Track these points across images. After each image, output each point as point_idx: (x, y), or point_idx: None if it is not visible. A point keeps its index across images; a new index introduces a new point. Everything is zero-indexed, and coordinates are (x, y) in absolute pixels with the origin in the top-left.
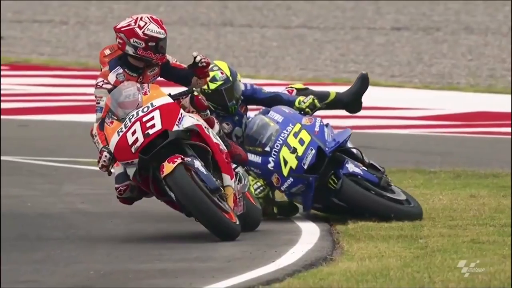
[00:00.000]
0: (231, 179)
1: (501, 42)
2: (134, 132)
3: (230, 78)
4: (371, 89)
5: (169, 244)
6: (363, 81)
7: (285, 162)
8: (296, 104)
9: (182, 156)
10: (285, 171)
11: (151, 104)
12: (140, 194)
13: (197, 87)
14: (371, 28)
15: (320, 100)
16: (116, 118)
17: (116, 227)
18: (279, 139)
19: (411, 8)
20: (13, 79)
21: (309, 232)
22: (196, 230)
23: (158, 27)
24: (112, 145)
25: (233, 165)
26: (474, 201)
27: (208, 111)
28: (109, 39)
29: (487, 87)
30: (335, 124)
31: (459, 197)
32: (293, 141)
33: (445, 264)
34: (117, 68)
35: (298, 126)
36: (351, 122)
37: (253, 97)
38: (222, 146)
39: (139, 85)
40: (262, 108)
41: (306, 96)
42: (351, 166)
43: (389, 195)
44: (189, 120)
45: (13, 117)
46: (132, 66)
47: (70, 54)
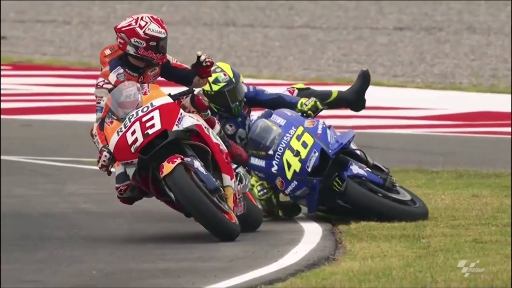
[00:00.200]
0: (231, 179)
1: (503, 42)
2: (133, 132)
3: (233, 80)
4: (373, 89)
5: (172, 244)
6: (364, 78)
7: (289, 165)
8: (298, 106)
9: (182, 156)
10: (289, 174)
11: (151, 104)
12: (141, 194)
13: (198, 87)
14: (373, 28)
15: (322, 99)
16: (116, 118)
17: (119, 227)
18: (282, 142)
19: (413, 8)
20: (16, 79)
21: (312, 232)
22: (198, 230)
23: (159, 27)
24: (111, 145)
25: (233, 165)
26: (476, 200)
27: (208, 111)
28: (112, 39)
29: (490, 87)
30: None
31: (462, 196)
32: (296, 144)
33: (448, 263)
34: (118, 68)
35: (300, 129)
36: (354, 122)
37: (256, 99)
38: (222, 146)
39: (139, 85)
40: (265, 110)
41: (308, 97)
42: (355, 168)
43: (394, 196)
44: (189, 120)
45: (16, 117)
46: (133, 66)
47: (73, 54)
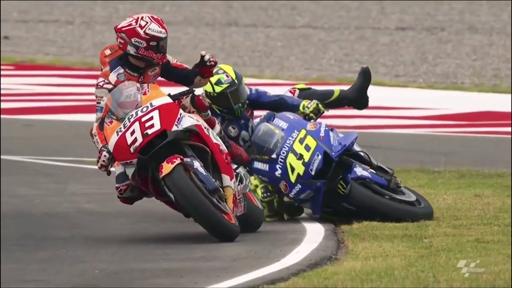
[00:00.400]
0: (231, 179)
1: (505, 42)
2: (133, 132)
3: (236, 81)
4: (375, 89)
5: (174, 244)
6: (365, 75)
7: (292, 169)
8: (300, 109)
9: (181, 157)
10: (292, 178)
11: (150, 104)
12: (141, 194)
13: (199, 87)
14: (375, 28)
15: (324, 99)
16: (116, 118)
17: (121, 227)
18: (285, 146)
19: (415, 8)
20: (19, 79)
21: (314, 232)
22: (200, 230)
23: (159, 27)
24: (111, 145)
25: (234, 165)
26: (478, 200)
27: (209, 112)
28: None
29: (492, 87)
30: (340, 124)
31: (464, 196)
32: (299, 148)
33: (450, 263)
34: (118, 68)
35: (303, 132)
36: (356, 122)
37: (258, 101)
38: (222, 147)
39: (138, 85)
40: (267, 112)
41: (310, 97)
42: (359, 170)
43: (399, 197)
44: (189, 120)
45: (19, 116)
46: (133, 66)
47: (75, 54)
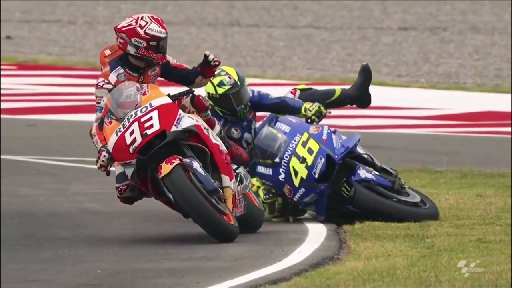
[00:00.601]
0: (231, 180)
1: (507, 42)
2: (132, 132)
3: (238, 83)
4: (378, 88)
5: (176, 244)
6: (365, 72)
7: (296, 173)
8: (302, 111)
9: (180, 157)
10: (296, 182)
11: (150, 104)
12: (140, 194)
13: (200, 87)
14: (378, 28)
15: (326, 98)
16: (115, 118)
17: (124, 226)
18: (288, 149)
19: (418, 8)
20: (21, 79)
21: (316, 232)
22: (202, 230)
23: (159, 27)
24: (110, 145)
25: (234, 166)
26: (480, 200)
27: (209, 112)
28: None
29: (494, 86)
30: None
31: (466, 196)
32: (301, 151)
33: (452, 263)
34: (118, 68)
35: (305, 135)
36: (358, 122)
37: (260, 103)
38: (222, 147)
39: (138, 85)
40: (269, 114)
41: (312, 98)
42: (363, 172)
43: (404, 198)
44: (188, 120)
45: (21, 116)
46: (133, 66)
47: (78, 54)
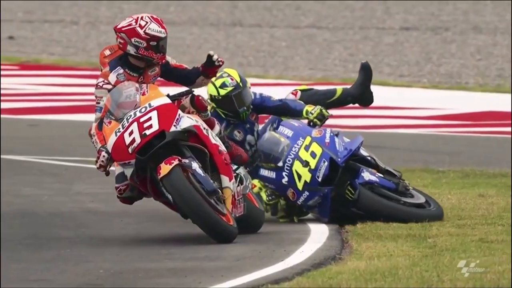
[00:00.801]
0: (230, 180)
1: (509, 42)
2: (131, 133)
3: (240, 84)
4: (380, 88)
5: (179, 243)
6: (365, 70)
7: (299, 176)
8: (304, 114)
9: (179, 158)
10: (299, 185)
11: (149, 104)
12: (140, 194)
13: (201, 87)
14: (380, 28)
15: (327, 98)
16: (114, 118)
17: (126, 226)
18: (291, 153)
19: (420, 8)
20: (24, 79)
21: (318, 232)
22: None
23: (159, 26)
24: (109, 145)
25: (234, 166)
26: (482, 200)
27: (208, 112)
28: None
29: (496, 87)
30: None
31: (468, 196)
32: (304, 155)
33: (454, 263)
34: (118, 68)
35: (308, 139)
36: (360, 122)
37: (262, 105)
38: (222, 147)
39: (137, 85)
40: (271, 116)
41: (313, 99)
42: (366, 175)
43: (408, 200)
44: (187, 121)
45: (23, 116)
46: (133, 66)
47: (80, 54)
